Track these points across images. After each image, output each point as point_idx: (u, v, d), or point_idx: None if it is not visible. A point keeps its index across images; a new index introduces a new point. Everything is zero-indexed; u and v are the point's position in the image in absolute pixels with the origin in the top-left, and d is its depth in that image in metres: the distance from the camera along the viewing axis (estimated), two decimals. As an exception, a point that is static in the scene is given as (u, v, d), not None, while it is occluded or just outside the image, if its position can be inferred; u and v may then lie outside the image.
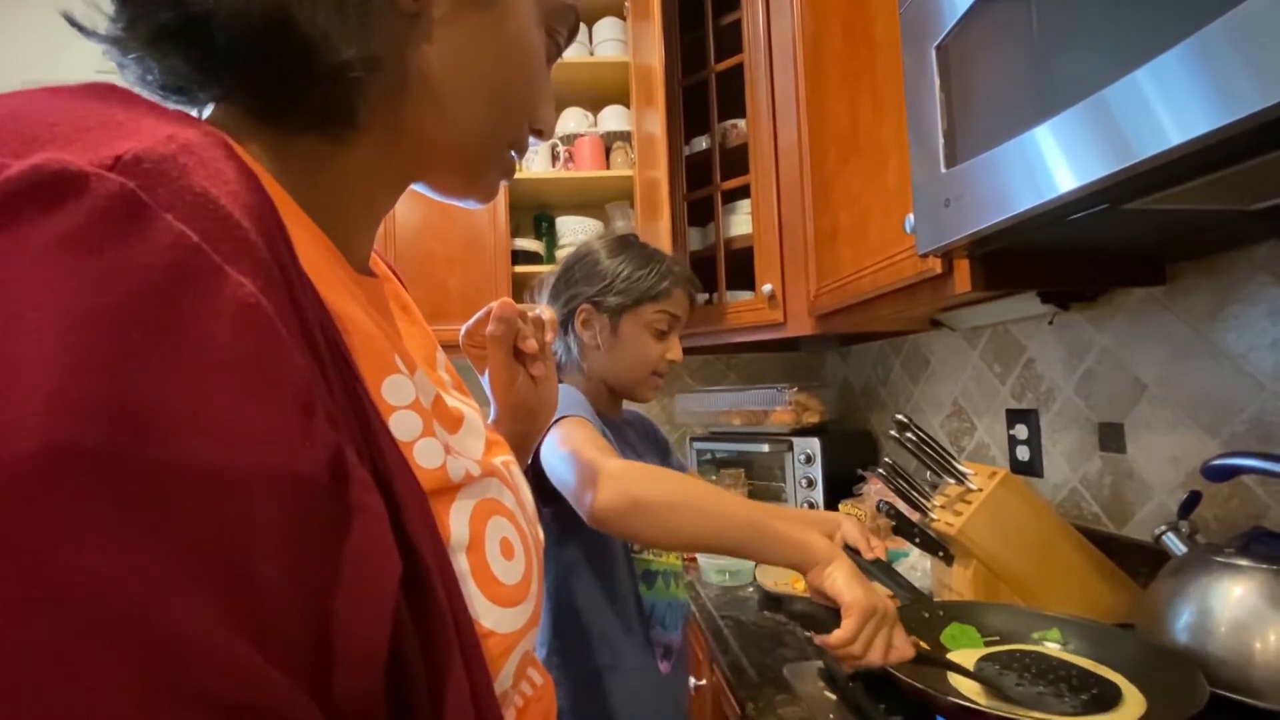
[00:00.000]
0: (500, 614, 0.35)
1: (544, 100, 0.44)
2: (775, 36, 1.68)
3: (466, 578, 0.33)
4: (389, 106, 0.36)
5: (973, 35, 0.79)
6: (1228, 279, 0.94)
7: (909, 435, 1.03)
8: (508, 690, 0.36)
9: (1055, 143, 0.65)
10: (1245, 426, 0.92)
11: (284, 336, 0.22)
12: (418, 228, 2.03)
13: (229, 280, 0.21)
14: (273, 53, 0.31)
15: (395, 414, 0.33)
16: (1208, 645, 0.71)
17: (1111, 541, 1.08)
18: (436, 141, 0.39)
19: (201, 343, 0.20)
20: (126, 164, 0.20)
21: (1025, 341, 1.35)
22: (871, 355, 2.06)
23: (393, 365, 0.34)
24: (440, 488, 0.34)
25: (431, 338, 0.47)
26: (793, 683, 0.91)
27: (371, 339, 0.33)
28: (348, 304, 0.32)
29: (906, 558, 1.29)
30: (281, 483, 0.21)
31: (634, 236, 1.11)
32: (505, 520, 0.38)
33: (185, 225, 0.20)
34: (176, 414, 0.19)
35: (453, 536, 0.33)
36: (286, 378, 0.22)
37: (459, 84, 0.38)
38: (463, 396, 0.46)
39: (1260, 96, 0.45)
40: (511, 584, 0.36)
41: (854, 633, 0.70)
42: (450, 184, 0.43)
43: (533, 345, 0.61)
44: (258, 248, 0.23)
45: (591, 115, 2.25)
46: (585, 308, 1.03)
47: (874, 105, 1.17)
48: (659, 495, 0.76)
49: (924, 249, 0.93)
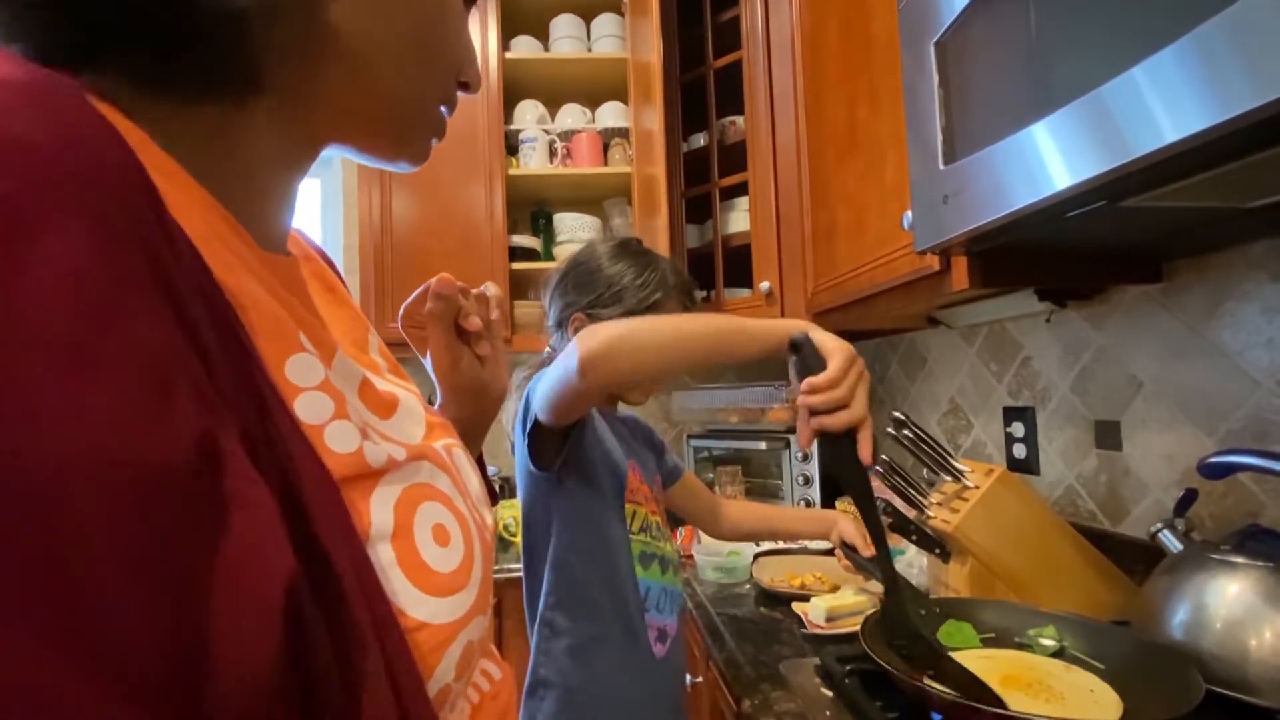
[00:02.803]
0: (435, 604, 0.32)
1: (467, 51, 0.41)
2: (774, 33, 1.68)
3: (392, 567, 0.31)
4: (296, 65, 0.33)
5: (971, 32, 0.79)
6: (1224, 277, 0.94)
7: (906, 433, 1.03)
8: (449, 684, 0.33)
9: (1052, 140, 0.65)
10: (1241, 424, 0.92)
11: (126, 304, 0.20)
12: (414, 223, 2.03)
13: (52, 238, 0.18)
14: (151, 5, 0.27)
15: (301, 395, 0.30)
16: (1203, 642, 0.71)
17: (1107, 539, 1.08)
18: (354, 102, 0.36)
19: (11, 311, 0.17)
20: None
21: (1022, 339, 1.35)
22: (869, 353, 2.06)
23: (297, 344, 0.31)
24: (356, 474, 0.31)
25: (363, 320, 0.44)
26: (789, 679, 0.91)
27: (273, 317, 0.30)
28: (244, 279, 0.29)
29: (903, 555, 1.29)
30: (117, 473, 0.18)
31: (636, 242, 1.13)
32: (440, 505, 0.36)
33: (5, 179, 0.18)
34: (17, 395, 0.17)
35: (373, 525, 0.31)
36: (129, 351, 0.19)
37: (373, 38, 0.35)
38: (400, 380, 0.44)
39: (1256, 94, 0.45)
40: (447, 571, 0.34)
41: (840, 374, 0.71)
42: (377, 146, 0.39)
43: (476, 323, 0.58)
44: (97, 204, 0.20)
45: (589, 111, 2.24)
46: (579, 316, 1.06)
47: (872, 102, 1.17)
48: (629, 331, 0.81)
49: (921, 246, 0.93)
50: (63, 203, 0.18)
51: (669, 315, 0.86)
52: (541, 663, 0.96)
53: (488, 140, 2.06)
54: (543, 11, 2.20)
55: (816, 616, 1.10)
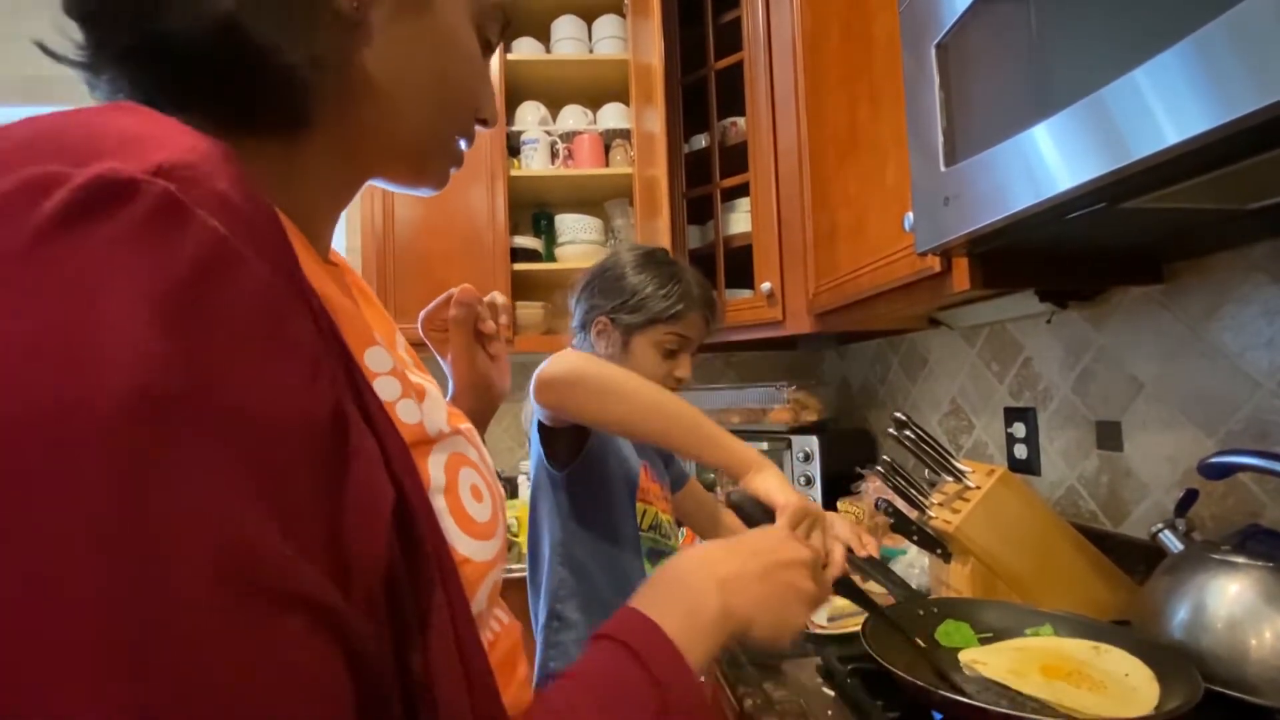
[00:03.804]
0: (474, 545, 0.41)
1: (485, 92, 0.47)
2: (775, 34, 1.68)
3: (445, 514, 0.39)
4: (338, 106, 0.39)
5: (972, 34, 0.79)
6: (1224, 278, 0.94)
7: (907, 433, 1.03)
8: (482, 612, 0.42)
9: (1053, 142, 0.65)
10: (1241, 425, 0.92)
11: (290, 313, 0.27)
12: (416, 225, 2.03)
13: (250, 266, 0.25)
14: (226, 62, 0.34)
15: (378, 379, 0.38)
16: (1203, 642, 0.72)
17: (1108, 539, 1.08)
18: (384, 136, 0.42)
19: (238, 314, 0.25)
20: (166, 170, 0.25)
21: (1023, 340, 1.35)
22: (870, 354, 2.06)
23: (371, 339, 0.39)
24: (419, 440, 0.39)
25: (390, 321, 0.52)
26: (791, 678, 0.91)
27: (352, 317, 0.38)
28: (328, 288, 0.37)
29: (904, 555, 1.30)
30: (306, 425, 0.26)
31: (663, 252, 1.15)
32: (473, 470, 0.44)
33: (216, 221, 0.25)
34: (234, 370, 0.24)
35: (431, 480, 0.39)
36: (300, 344, 0.27)
37: (400, 82, 0.41)
38: (422, 373, 0.51)
39: (1257, 96, 0.45)
40: (483, 521, 0.42)
41: (787, 531, 0.71)
42: (401, 174, 0.46)
43: (491, 327, 0.68)
44: (267, 239, 0.27)
45: (591, 113, 2.25)
46: (601, 320, 1.07)
47: (873, 103, 1.18)
48: (600, 374, 0.80)
49: (922, 247, 0.93)
50: (252, 239, 0.26)
51: (655, 386, 0.84)
52: (551, 656, 0.96)
53: (489, 142, 2.06)
54: (544, 13, 2.21)
55: (818, 616, 1.10)
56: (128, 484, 0.21)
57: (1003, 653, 0.80)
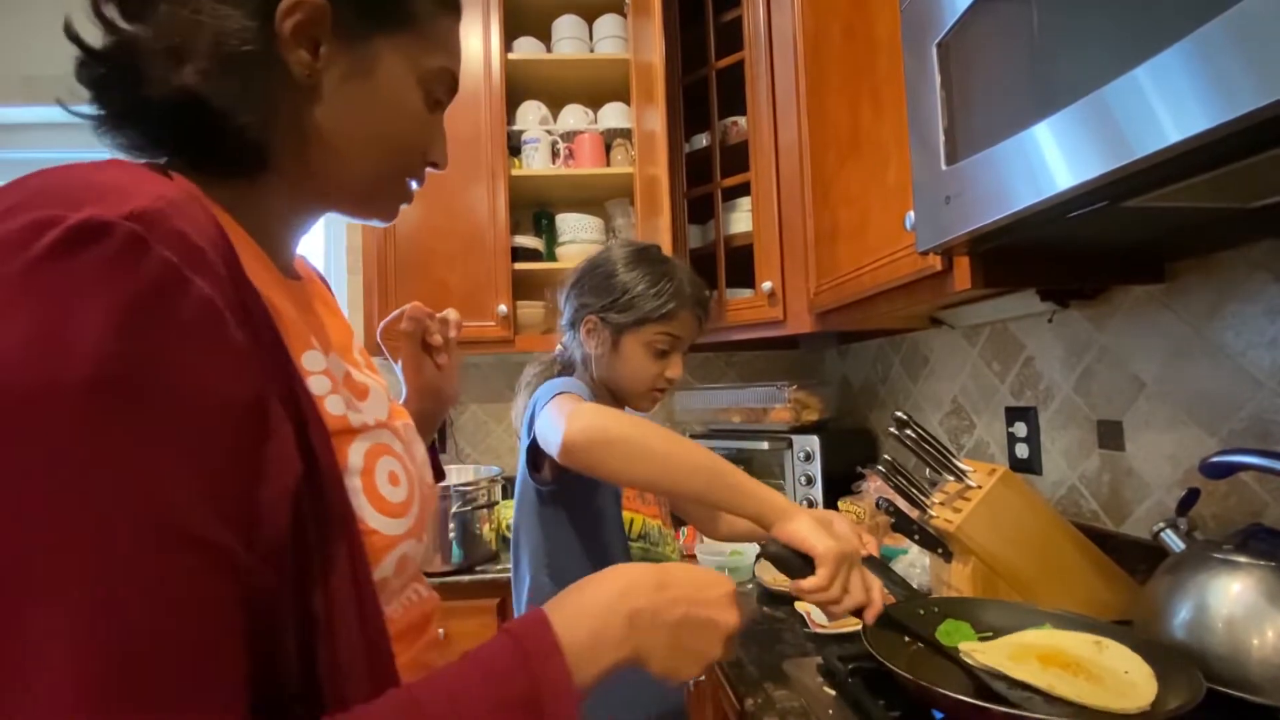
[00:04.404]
0: (383, 520, 0.48)
1: (433, 140, 0.56)
2: (776, 33, 1.68)
3: (358, 492, 0.46)
4: (293, 153, 0.48)
5: (973, 33, 0.79)
6: (1226, 277, 0.94)
7: (908, 433, 1.03)
8: (389, 578, 0.48)
9: (1055, 140, 0.65)
10: (1243, 424, 0.92)
11: (228, 319, 0.35)
12: (418, 225, 2.03)
13: (194, 286, 0.34)
14: (190, 123, 0.44)
15: (311, 377, 0.45)
16: (1205, 641, 0.71)
17: (1110, 539, 1.08)
18: (333, 178, 0.51)
19: (178, 320, 0.33)
20: (135, 215, 0.33)
21: (1024, 339, 1.35)
22: (871, 353, 2.06)
23: (309, 343, 0.47)
24: (343, 429, 0.47)
25: (349, 327, 0.61)
26: (792, 678, 0.91)
27: (294, 323, 0.46)
28: (277, 296, 0.45)
29: (906, 555, 1.30)
30: (229, 409, 0.35)
31: (655, 249, 1.11)
32: (394, 460, 0.51)
33: (169, 253, 0.34)
34: (174, 364, 0.33)
35: (349, 463, 0.46)
36: (231, 345, 0.35)
37: (347, 135, 0.49)
38: (372, 374, 0.59)
39: (1258, 94, 0.45)
40: (395, 502, 0.49)
41: (828, 579, 0.71)
42: (350, 209, 0.54)
43: (437, 340, 0.77)
44: (214, 264, 0.36)
45: (591, 112, 2.25)
46: (591, 319, 1.05)
47: (874, 102, 1.18)
48: (628, 434, 0.79)
49: (924, 246, 0.93)
50: (199, 266, 0.35)
51: (678, 440, 0.82)
52: None
53: (490, 141, 2.06)
54: (545, 12, 2.21)
55: (819, 616, 1.10)
56: (83, 445, 0.30)
57: (1002, 645, 0.80)
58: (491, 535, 1.81)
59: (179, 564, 0.32)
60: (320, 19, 0.46)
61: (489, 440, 2.35)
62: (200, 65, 0.43)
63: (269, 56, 0.45)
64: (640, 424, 0.82)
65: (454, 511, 1.72)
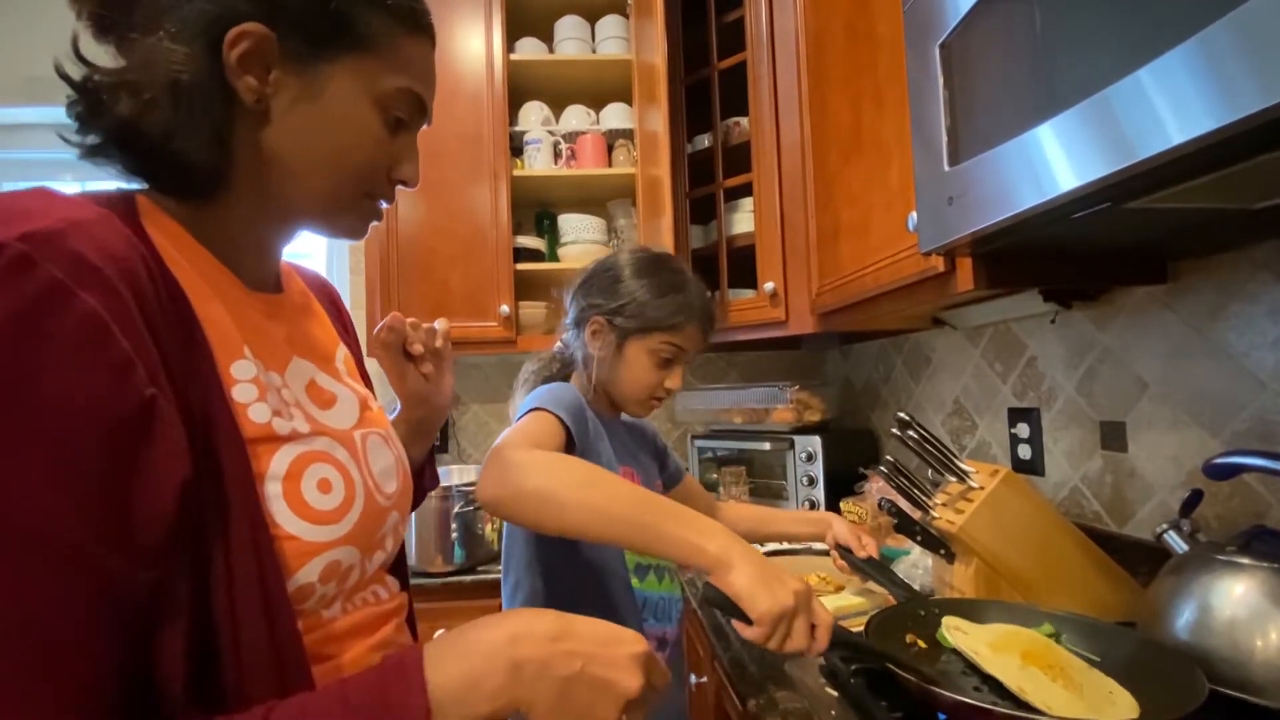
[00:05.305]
0: (305, 526, 0.48)
1: (399, 160, 0.56)
2: (778, 34, 1.68)
3: (277, 498, 0.47)
4: (250, 174, 0.51)
5: (976, 33, 0.79)
6: (1229, 278, 0.94)
7: (910, 433, 1.03)
8: (313, 584, 0.48)
9: (1058, 141, 0.65)
10: (1246, 425, 0.92)
11: (112, 329, 0.37)
12: (420, 226, 2.04)
13: (78, 299, 0.36)
14: (147, 153, 0.48)
15: (237, 385, 0.47)
16: (1208, 642, 0.71)
17: (1113, 540, 1.08)
18: (291, 197, 0.53)
19: (57, 333, 0.35)
20: (27, 236, 0.36)
21: (1027, 340, 1.35)
22: (873, 353, 2.06)
23: (241, 353, 0.49)
24: (264, 435, 0.48)
25: (334, 337, 0.63)
26: (794, 679, 0.91)
27: (225, 333, 0.48)
28: (212, 308, 0.48)
29: (908, 555, 1.29)
30: (104, 419, 0.36)
31: (666, 257, 1.11)
32: (330, 467, 0.51)
33: (56, 270, 0.36)
34: (45, 375, 0.35)
35: (270, 469, 0.47)
36: (113, 357, 0.37)
37: (299, 156, 0.51)
38: (354, 382, 0.61)
39: (1262, 96, 0.45)
40: (322, 510, 0.49)
41: (764, 638, 0.69)
42: (316, 226, 0.56)
43: (418, 349, 0.76)
44: (108, 279, 0.38)
45: (594, 113, 2.25)
46: (597, 320, 1.04)
47: (877, 103, 1.17)
48: (541, 487, 0.76)
49: (926, 247, 0.93)
50: (88, 280, 0.37)
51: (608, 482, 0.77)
52: None
53: (492, 142, 2.06)
54: (547, 13, 2.21)
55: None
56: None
57: (991, 630, 0.79)
58: (494, 535, 1.81)
59: (30, 564, 0.34)
60: (267, 47, 0.48)
61: (490, 440, 2.35)
62: (146, 96, 0.46)
63: (217, 84, 0.47)
64: (562, 471, 0.78)
65: (456, 512, 1.73)
